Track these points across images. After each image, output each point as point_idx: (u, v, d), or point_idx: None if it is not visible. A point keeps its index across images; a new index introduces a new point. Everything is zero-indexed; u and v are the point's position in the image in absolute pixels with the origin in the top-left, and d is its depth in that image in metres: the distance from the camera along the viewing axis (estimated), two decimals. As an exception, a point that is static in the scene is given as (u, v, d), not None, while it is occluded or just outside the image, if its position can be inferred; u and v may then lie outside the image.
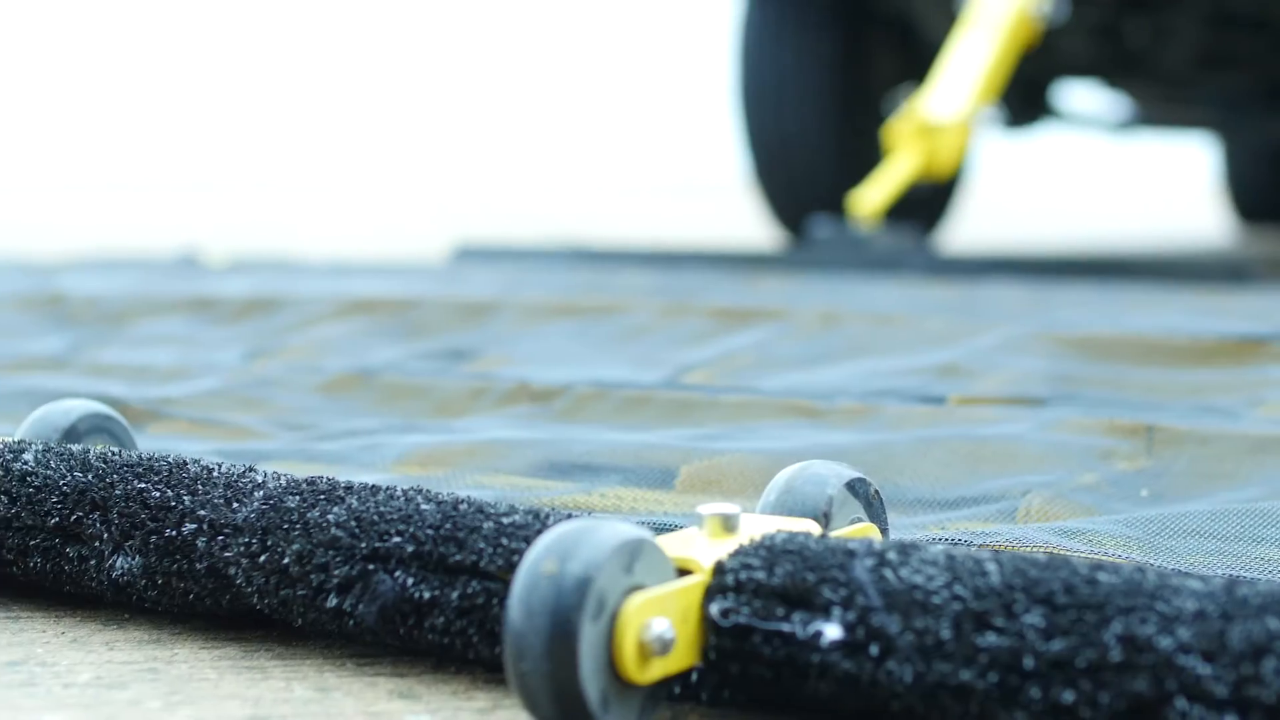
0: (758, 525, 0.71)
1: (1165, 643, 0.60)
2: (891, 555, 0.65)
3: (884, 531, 0.77)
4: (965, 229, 6.29)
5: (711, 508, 0.70)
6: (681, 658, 0.65)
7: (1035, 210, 10.00)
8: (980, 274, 2.32)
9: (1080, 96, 5.10)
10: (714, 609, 0.66)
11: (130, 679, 0.74)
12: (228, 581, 0.79)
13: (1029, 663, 0.61)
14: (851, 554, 0.66)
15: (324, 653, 0.78)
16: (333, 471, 1.00)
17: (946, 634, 0.62)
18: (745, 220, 5.90)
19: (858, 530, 0.75)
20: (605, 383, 1.19)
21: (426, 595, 0.72)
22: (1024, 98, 4.34)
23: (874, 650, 0.63)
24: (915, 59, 3.94)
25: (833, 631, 0.64)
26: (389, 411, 1.19)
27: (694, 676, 0.68)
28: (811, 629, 0.64)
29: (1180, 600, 0.61)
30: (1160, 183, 13.47)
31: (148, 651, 0.79)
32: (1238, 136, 5.24)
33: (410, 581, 0.73)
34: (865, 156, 3.74)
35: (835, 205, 3.52)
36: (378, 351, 1.43)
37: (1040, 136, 5.18)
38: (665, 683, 0.66)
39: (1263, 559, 0.80)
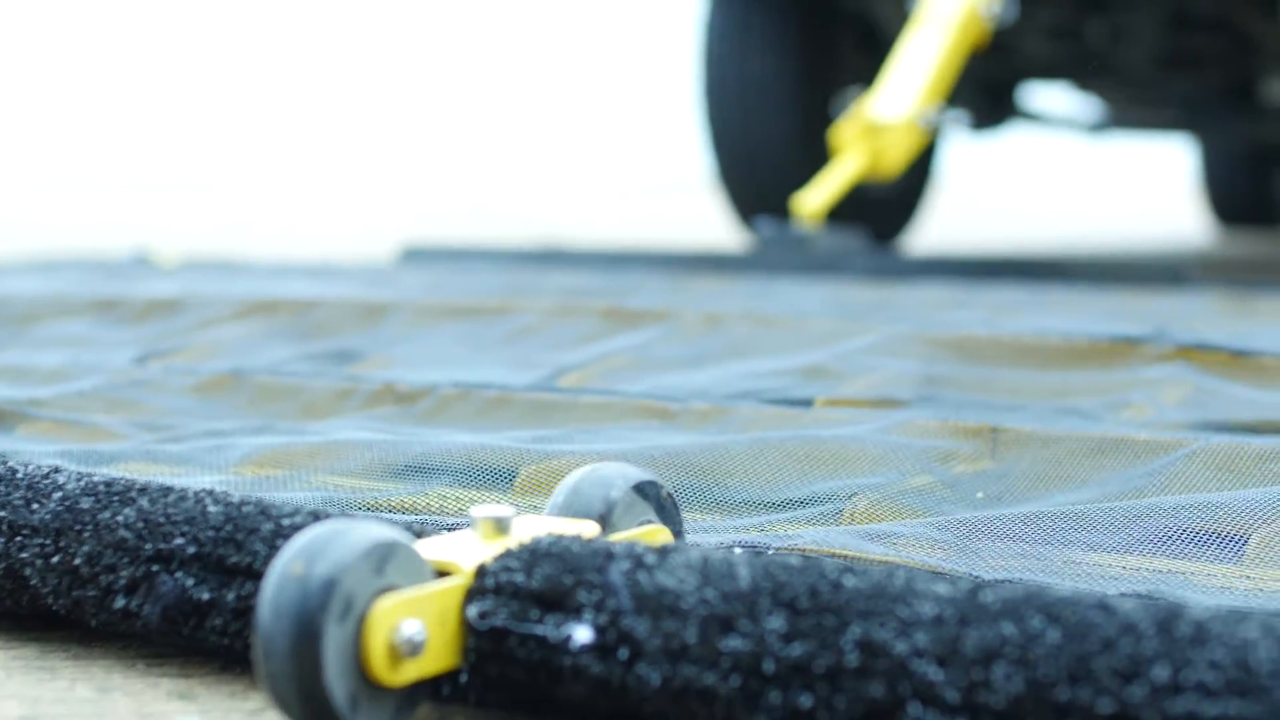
0: (531, 527, 0.70)
1: (901, 647, 0.59)
2: (649, 559, 0.65)
3: (678, 534, 0.77)
4: (951, 230, 6.29)
5: (483, 510, 0.69)
6: (439, 660, 0.65)
7: (1023, 211, 10.00)
8: (919, 275, 2.32)
9: (1056, 98, 5.10)
10: (472, 611, 0.66)
11: (-82, 680, 0.74)
12: (24, 582, 0.78)
13: (769, 666, 0.61)
14: (610, 557, 0.66)
15: (119, 653, 0.78)
16: (176, 473, 1.00)
17: (692, 637, 0.62)
18: (728, 221, 5.89)
19: (645, 533, 0.74)
20: (469, 384, 1.18)
21: (206, 596, 0.72)
22: (988, 99, 4.33)
23: (623, 653, 0.63)
24: (880, 59, 3.94)
25: (583, 635, 0.64)
26: (255, 413, 1.18)
27: (463, 678, 0.68)
28: (563, 632, 0.64)
29: (921, 605, 0.61)
30: (1155, 183, 13.47)
31: (-54, 652, 0.79)
32: (1208, 138, 5.24)
33: (191, 583, 0.73)
34: (829, 157, 3.73)
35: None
36: (267, 353, 1.43)
37: (1006, 137, 5.19)
38: (425, 684, 0.66)
39: (1067, 561, 0.80)
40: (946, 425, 1.01)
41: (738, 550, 0.73)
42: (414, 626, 0.64)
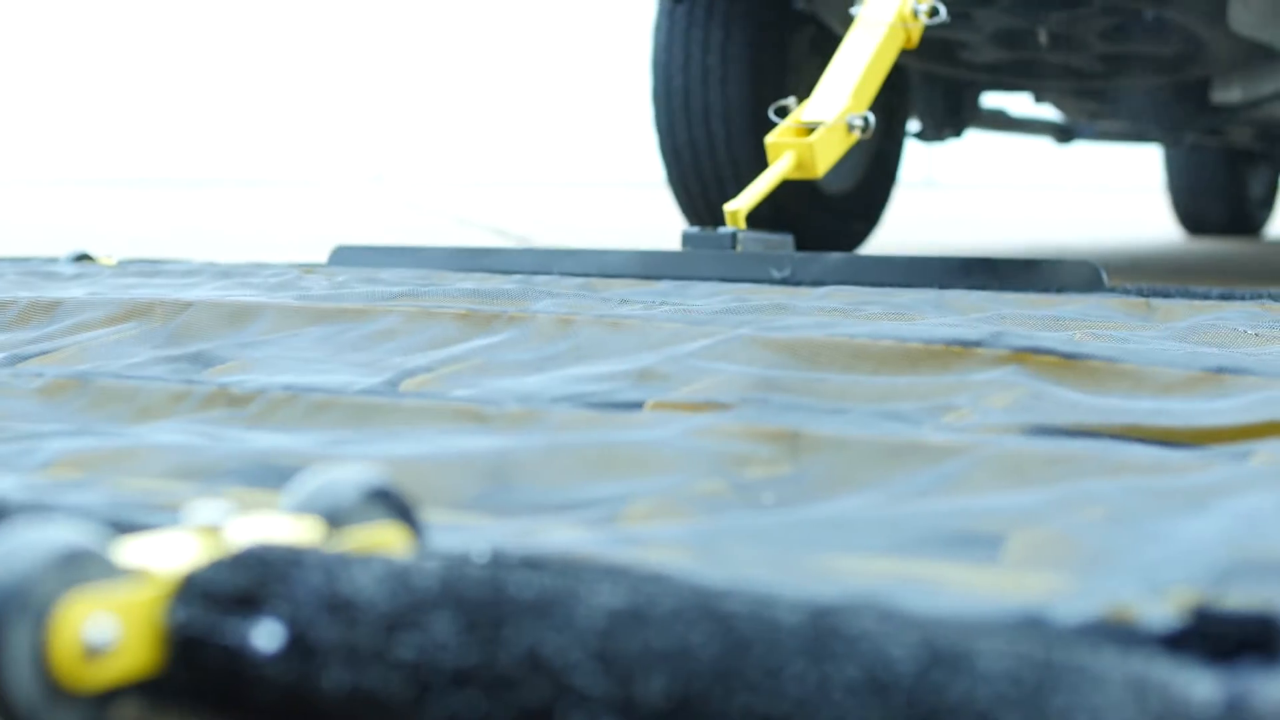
0: (246, 530, 0.70)
1: (562, 656, 0.60)
2: (341, 567, 0.65)
3: (415, 538, 0.77)
4: (930, 231, 6.29)
5: (196, 510, 0.70)
6: (136, 664, 0.65)
7: (1011, 211, 10.00)
8: (835, 280, 2.31)
9: (1026, 104, 5.10)
10: (168, 616, 0.66)
11: None
12: None
13: (439, 674, 0.61)
14: (303, 564, 0.66)
15: None
16: (-20, 475, 1.00)
17: (373, 644, 0.62)
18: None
19: (375, 537, 0.74)
20: (299, 387, 1.19)
21: (-70, 602, 0.73)
22: (946, 107, 4.33)
23: (310, 661, 0.63)
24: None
25: (274, 641, 0.64)
26: (93, 415, 1.19)
27: (163, 683, 0.68)
28: (254, 639, 0.64)
29: (588, 614, 0.61)
30: (1152, 184, 13.47)
31: None
32: (1168, 146, 5.23)
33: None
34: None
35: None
36: (127, 356, 1.43)
37: (997, 140, 5.19)
38: (127, 689, 0.66)
39: (817, 565, 0.80)
40: (748, 429, 1.01)
41: (478, 554, 0.74)
42: (103, 630, 0.64)
